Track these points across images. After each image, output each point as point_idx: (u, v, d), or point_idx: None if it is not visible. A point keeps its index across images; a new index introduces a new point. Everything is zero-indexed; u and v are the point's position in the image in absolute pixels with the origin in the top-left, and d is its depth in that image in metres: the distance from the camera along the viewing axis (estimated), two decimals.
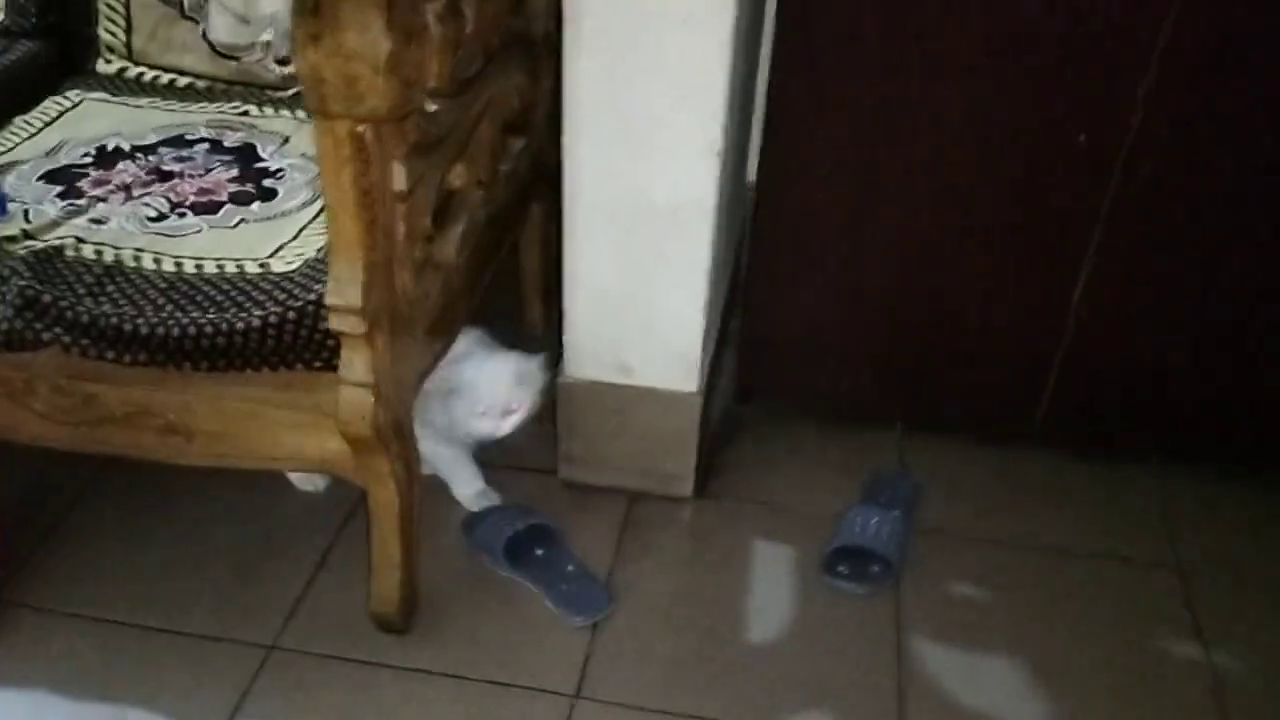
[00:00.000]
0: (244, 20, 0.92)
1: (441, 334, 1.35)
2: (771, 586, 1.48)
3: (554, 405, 1.55)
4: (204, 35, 1.59)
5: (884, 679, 1.34)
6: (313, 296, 1.15)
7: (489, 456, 1.60)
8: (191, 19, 1.60)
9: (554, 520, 1.51)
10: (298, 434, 1.24)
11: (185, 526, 1.52)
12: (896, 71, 1.35)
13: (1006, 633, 1.41)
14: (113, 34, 1.64)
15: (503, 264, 1.59)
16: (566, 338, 1.49)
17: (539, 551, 1.47)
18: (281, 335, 1.15)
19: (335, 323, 1.11)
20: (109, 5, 1.62)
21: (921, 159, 1.41)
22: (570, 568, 1.46)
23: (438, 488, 1.54)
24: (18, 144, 1.47)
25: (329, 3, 0.93)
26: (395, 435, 1.21)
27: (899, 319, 1.56)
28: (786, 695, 1.32)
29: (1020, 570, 1.50)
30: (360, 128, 1.02)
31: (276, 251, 1.26)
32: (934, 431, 1.70)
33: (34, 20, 1.63)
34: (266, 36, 0.93)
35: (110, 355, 1.18)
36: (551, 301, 1.87)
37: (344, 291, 1.09)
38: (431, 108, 1.15)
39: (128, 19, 1.63)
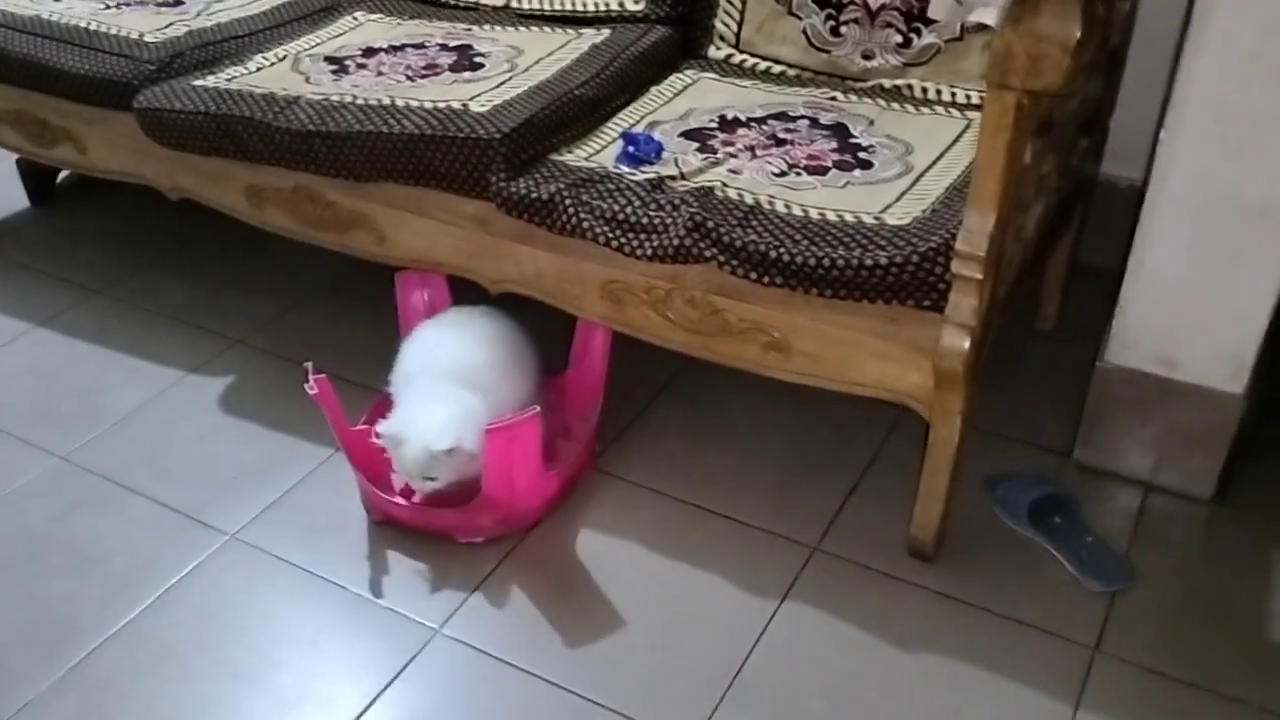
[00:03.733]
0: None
1: (1009, 305, 1.49)
2: None
3: (1084, 388, 1.65)
4: (803, 31, 1.87)
5: None
6: (933, 244, 1.34)
7: (1000, 427, 1.73)
8: (795, 15, 1.87)
9: (1076, 492, 1.60)
10: (884, 364, 1.43)
11: (742, 430, 1.78)
12: None
13: None
14: (727, 25, 1.95)
15: None
16: (1116, 324, 1.58)
17: (1057, 519, 1.57)
18: (901, 274, 1.34)
19: (958, 267, 1.29)
20: (729, 2, 1.93)
21: None
22: (1089, 539, 1.55)
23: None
24: (657, 108, 1.79)
25: None
26: (974, 379, 1.37)
27: None
28: None
29: None
30: (1024, 100, 1.19)
31: (885, 209, 1.47)
32: None
33: (666, 9, 1.97)
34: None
35: (753, 276, 1.43)
36: (1067, 300, 1.97)
37: (973, 240, 1.27)
38: None
39: (742, 13, 1.93)
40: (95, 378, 1.92)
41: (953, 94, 1.77)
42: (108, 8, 2.07)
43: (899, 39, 1.80)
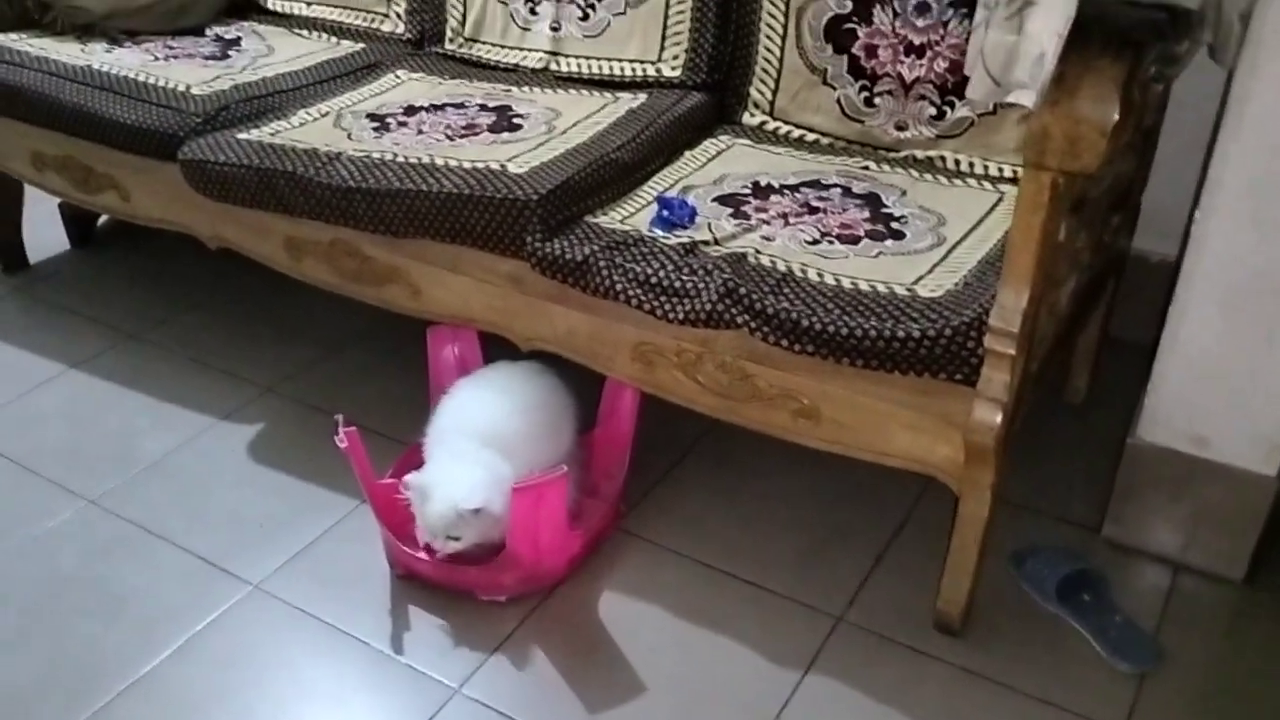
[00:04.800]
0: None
1: (1041, 378, 1.49)
2: None
3: (1114, 463, 1.64)
4: (838, 100, 1.90)
5: None
6: (966, 318, 1.34)
7: (1028, 500, 1.73)
8: (830, 85, 1.90)
9: (1104, 570, 1.59)
10: (914, 435, 1.43)
11: (768, 494, 1.78)
12: None
13: None
14: (761, 92, 1.97)
15: None
16: (1147, 400, 1.57)
17: (1086, 596, 1.56)
18: (934, 348, 1.35)
19: (991, 342, 1.30)
20: (764, 70, 1.96)
21: None
22: (1118, 618, 1.53)
23: None
24: (691, 172, 1.82)
25: (1073, 75, 1.13)
26: (1004, 454, 1.37)
27: None
28: None
29: None
30: (1060, 180, 1.20)
31: (918, 281, 1.47)
32: None
33: (704, 77, 2.01)
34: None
35: (784, 343, 1.44)
36: (1097, 373, 1.97)
37: (1007, 316, 1.28)
38: None
39: (777, 81, 1.96)
40: (127, 422, 1.94)
41: (985, 166, 1.79)
42: (156, 60, 2.12)
43: (932, 111, 1.82)
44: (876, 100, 1.86)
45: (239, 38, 2.28)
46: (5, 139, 2.15)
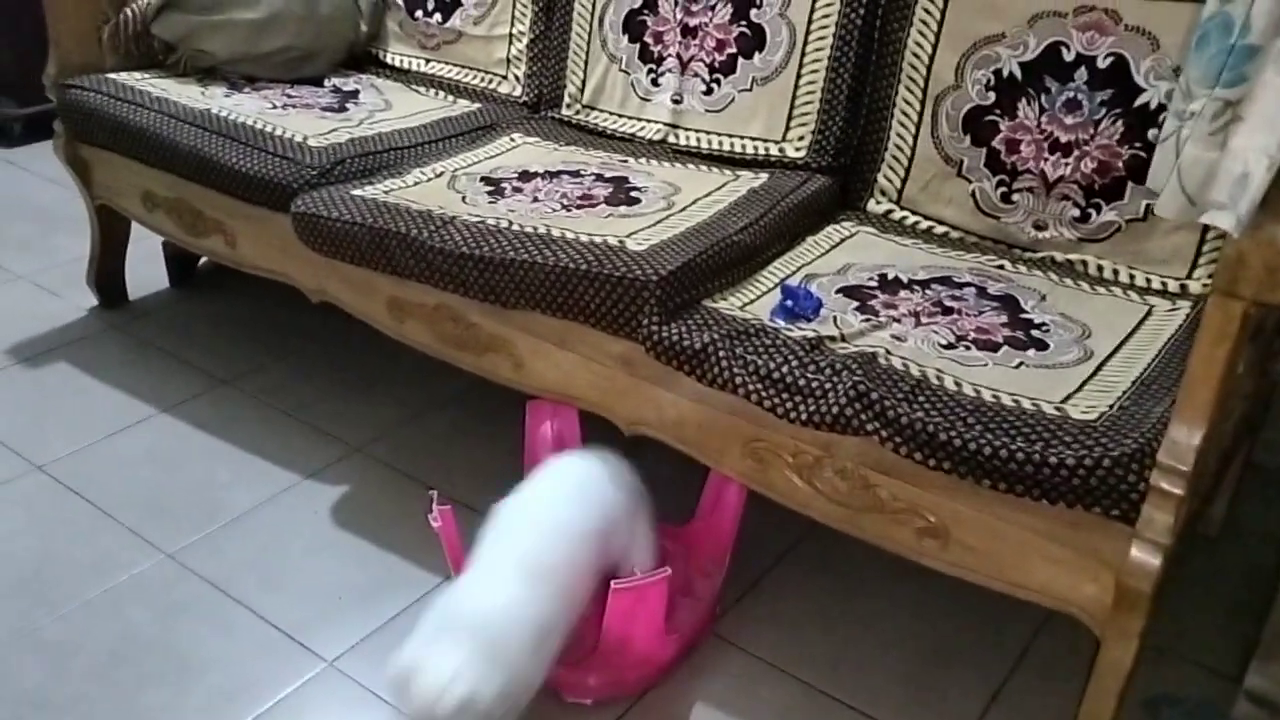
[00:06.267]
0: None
1: (1195, 517, 1.36)
2: None
3: (1253, 601, 1.49)
4: (972, 194, 1.80)
5: None
6: (1128, 448, 1.22)
7: (1163, 641, 1.58)
8: (965, 178, 1.81)
9: None
10: (1055, 570, 1.31)
11: (874, 607, 1.66)
12: None
13: None
14: (890, 180, 1.89)
15: None
16: None
17: None
18: (1089, 478, 1.23)
19: (1158, 479, 1.18)
20: (894, 157, 1.88)
21: None
22: None
23: None
24: (813, 259, 1.73)
25: (1278, 199, 1.02)
26: (1159, 600, 1.24)
27: None
28: None
29: None
30: (1251, 310, 1.09)
31: (1067, 399, 1.36)
32: None
33: (829, 160, 1.93)
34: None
35: (917, 456, 1.33)
36: (1235, 504, 1.82)
37: (1179, 453, 1.16)
38: None
39: (907, 169, 1.87)
40: (212, 473, 1.89)
41: (1131, 275, 1.68)
42: (275, 108, 2.11)
43: (1075, 213, 1.72)
44: (1015, 197, 1.76)
45: (357, 90, 2.26)
46: (119, 176, 2.15)
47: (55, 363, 2.18)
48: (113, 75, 2.15)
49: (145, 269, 2.44)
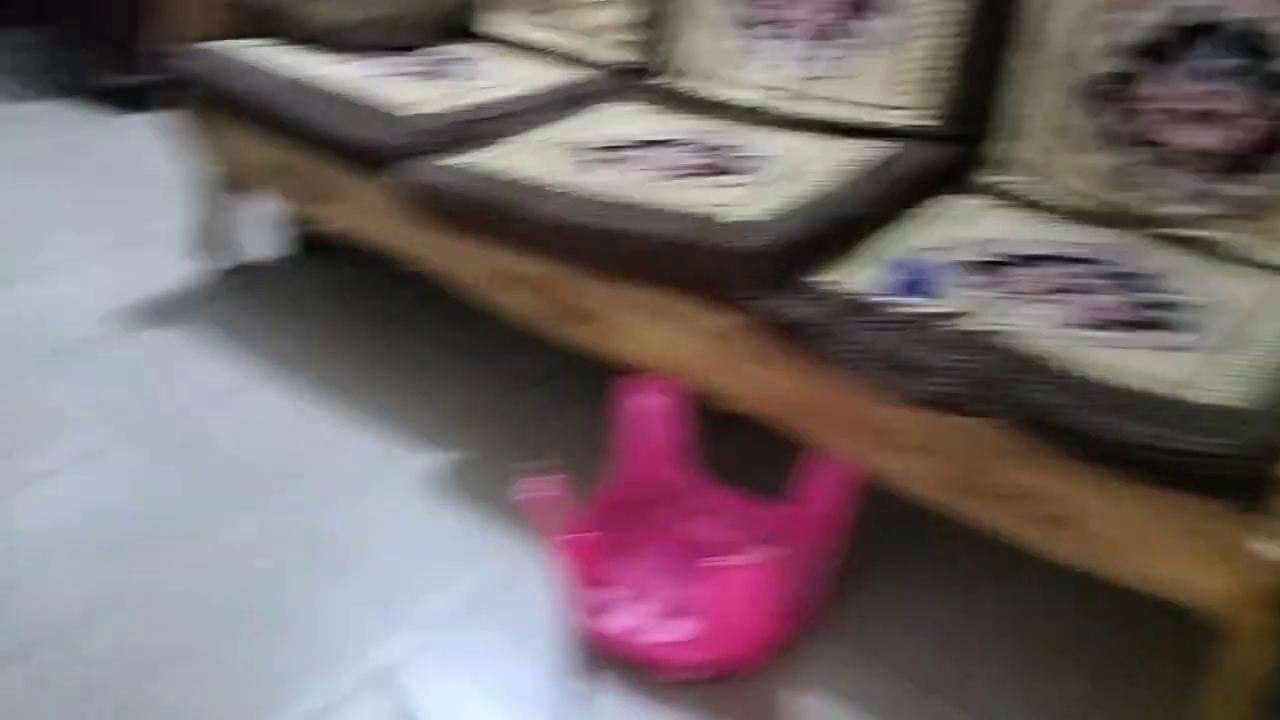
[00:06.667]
0: None
1: None
2: None
3: None
4: (1097, 167, 1.71)
5: None
6: (1260, 436, 1.15)
7: None
8: (1089, 151, 1.72)
9: None
10: (1182, 561, 1.24)
11: (983, 599, 1.61)
12: None
13: None
14: (1009, 152, 1.81)
15: None
16: None
17: None
18: (1223, 466, 1.16)
19: None
20: (1014, 126, 1.79)
21: None
22: None
23: None
24: (928, 232, 1.66)
25: None
26: None
27: None
28: None
29: None
30: None
31: (1196, 383, 1.28)
32: None
33: (946, 129, 1.85)
34: None
35: (1037, 440, 1.27)
36: None
37: None
38: None
39: (1029, 141, 1.78)
40: (315, 439, 1.91)
41: (1267, 254, 1.58)
42: (375, 75, 2.10)
43: (1204, 187, 1.62)
44: (1142, 169, 1.67)
45: (458, 58, 2.25)
46: (234, 143, 2.17)
47: (167, 327, 2.22)
48: (229, 43, 2.18)
49: (261, 236, 2.47)
